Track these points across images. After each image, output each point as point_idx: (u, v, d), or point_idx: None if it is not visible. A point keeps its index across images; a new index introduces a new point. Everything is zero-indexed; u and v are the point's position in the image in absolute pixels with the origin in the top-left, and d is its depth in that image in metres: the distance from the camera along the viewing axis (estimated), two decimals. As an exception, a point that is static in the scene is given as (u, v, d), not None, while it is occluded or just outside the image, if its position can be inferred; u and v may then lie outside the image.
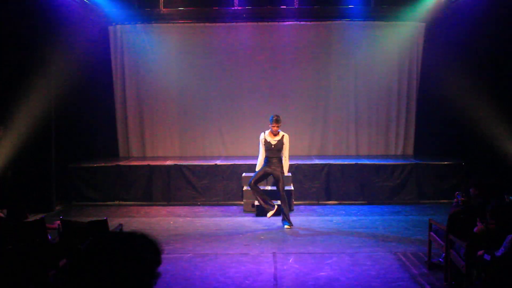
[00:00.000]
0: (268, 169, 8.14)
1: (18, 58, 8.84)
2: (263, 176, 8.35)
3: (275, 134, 8.07)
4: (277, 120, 7.96)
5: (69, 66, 9.65)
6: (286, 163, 8.17)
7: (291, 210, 9.32)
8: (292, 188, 9.58)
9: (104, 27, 11.50)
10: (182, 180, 10.12)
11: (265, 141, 8.10)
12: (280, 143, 8.08)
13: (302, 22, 11.61)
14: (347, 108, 11.75)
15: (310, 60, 11.66)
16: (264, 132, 8.17)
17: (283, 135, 8.12)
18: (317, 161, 10.45)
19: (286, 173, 8.27)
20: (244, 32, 11.65)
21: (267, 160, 8.13)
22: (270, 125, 8.05)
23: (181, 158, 11.27)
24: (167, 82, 11.61)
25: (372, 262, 6.27)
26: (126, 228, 6.87)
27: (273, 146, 8.07)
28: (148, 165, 10.30)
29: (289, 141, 8.19)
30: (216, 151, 11.79)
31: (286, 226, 8.07)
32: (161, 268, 1.90)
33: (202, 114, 11.69)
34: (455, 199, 5.83)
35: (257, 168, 8.27)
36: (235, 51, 11.66)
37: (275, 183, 8.36)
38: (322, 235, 7.67)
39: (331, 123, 11.79)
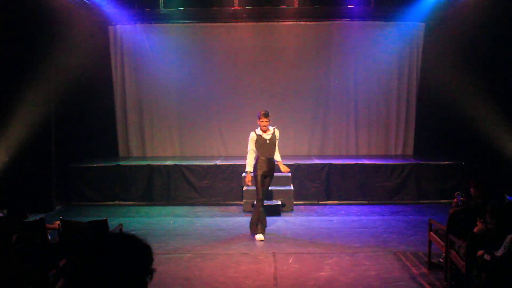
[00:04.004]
0: (263, 172, 7.49)
1: (18, 58, 8.85)
2: (264, 183, 7.59)
3: (265, 130, 7.53)
4: (265, 115, 7.42)
5: (69, 66, 9.66)
6: (279, 154, 7.67)
7: (290, 209, 9.33)
8: (292, 188, 9.59)
9: (104, 27, 11.50)
10: (182, 180, 10.12)
11: (258, 138, 7.52)
12: (274, 137, 7.58)
13: (302, 22, 11.61)
14: (347, 108, 11.75)
15: (310, 60, 11.67)
16: (255, 131, 7.59)
17: (274, 129, 7.62)
18: (317, 161, 10.44)
19: (280, 159, 7.68)
20: (244, 32, 11.65)
21: (261, 160, 7.51)
22: (258, 121, 7.50)
23: (181, 158, 11.28)
24: (167, 82, 11.61)
25: (372, 262, 6.27)
26: (126, 228, 6.88)
27: (268, 141, 7.51)
28: (148, 165, 10.30)
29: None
30: (216, 151, 11.80)
31: (258, 238, 7.43)
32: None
33: (202, 114, 11.69)
34: (455, 199, 5.82)
35: (249, 169, 7.58)
36: (235, 51, 11.66)
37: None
38: (322, 235, 7.67)
39: (331, 123, 11.79)
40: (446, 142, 11.12)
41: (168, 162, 10.45)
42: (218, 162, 10.32)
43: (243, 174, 9.71)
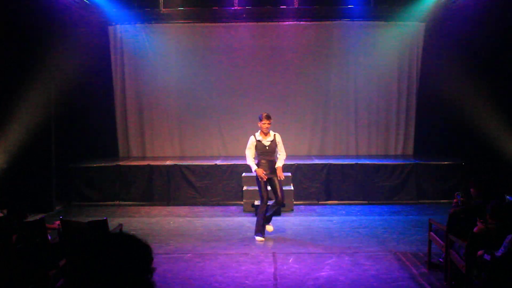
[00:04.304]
0: (269, 174, 7.35)
1: (18, 58, 8.84)
2: (267, 187, 7.43)
3: (266, 133, 7.40)
4: (267, 117, 7.31)
5: (69, 66, 9.65)
6: (282, 160, 7.42)
7: (290, 209, 9.34)
8: (292, 188, 9.59)
9: (104, 27, 11.51)
10: (182, 180, 10.13)
11: (258, 143, 7.39)
12: (274, 143, 7.42)
13: (302, 22, 11.62)
14: (347, 108, 11.76)
15: (310, 60, 11.67)
16: (254, 135, 7.47)
17: (275, 134, 7.48)
18: (317, 161, 10.44)
19: (280, 165, 7.43)
20: (244, 32, 11.66)
21: (262, 163, 7.37)
22: (260, 123, 7.36)
23: (181, 158, 11.28)
24: (167, 82, 11.62)
25: (372, 262, 6.27)
26: (126, 228, 6.88)
27: (267, 147, 7.38)
28: (148, 165, 10.30)
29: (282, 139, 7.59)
30: (216, 151, 11.80)
31: (268, 229, 7.52)
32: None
33: (202, 114, 11.70)
34: (455, 199, 5.83)
35: (254, 167, 7.36)
36: (235, 51, 11.67)
37: (272, 188, 7.43)
38: (322, 235, 7.67)
39: (331, 123, 11.80)
40: (446, 142, 11.13)
41: (168, 162, 10.46)
42: (218, 162, 10.32)
43: (243, 175, 9.74)
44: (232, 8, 11.04)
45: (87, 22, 10.63)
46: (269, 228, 7.57)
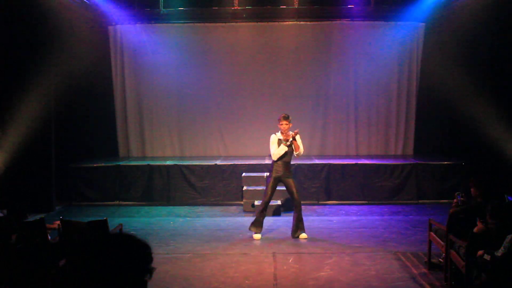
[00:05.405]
0: (278, 175, 7.41)
1: (18, 58, 8.85)
2: (274, 188, 7.48)
3: (286, 133, 7.41)
4: (285, 117, 7.38)
5: (69, 66, 9.66)
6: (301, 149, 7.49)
7: (290, 210, 9.33)
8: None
9: (104, 27, 11.51)
10: (182, 180, 10.13)
11: (279, 141, 7.41)
12: (292, 144, 7.44)
13: (302, 22, 11.61)
14: (347, 108, 11.75)
15: (310, 60, 11.66)
16: (276, 134, 7.50)
17: (294, 137, 7.47)
18: (317, 161, 10.44)
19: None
20: (244, 32, 11.65)
21: (277, 164, 7.39)
22: (279, 125, 7.43)
23: (181, 158, 11.28)
24: (167, 82, 11.61)
25: (372, 262, 6.28)
26: (126, 228, 6.88)
27: (287, 148, 7.41)
28: (148, 165, 10.30)
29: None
30: (216, 151, 11.80)
31: (302, 236, 7.44)
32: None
33: (202, 114, 11.70)
34: (455, 199, 5.83)
35: (278, 149, 7.34)
36: (235, 51, 11.66)
37: (288, 189, 7.51)
38: (322, 235, 7.67)
39: (331, 123, 11.79)
40: (446, 142, 11.13)
41: (168, 162, 10.46)
42: (218, 162, 10.32)
43: (243, 175, 9.73)
44: (232, 8, 11.05)
45: (87, 22, 10.63)
46: (303, 236, 7.45)
